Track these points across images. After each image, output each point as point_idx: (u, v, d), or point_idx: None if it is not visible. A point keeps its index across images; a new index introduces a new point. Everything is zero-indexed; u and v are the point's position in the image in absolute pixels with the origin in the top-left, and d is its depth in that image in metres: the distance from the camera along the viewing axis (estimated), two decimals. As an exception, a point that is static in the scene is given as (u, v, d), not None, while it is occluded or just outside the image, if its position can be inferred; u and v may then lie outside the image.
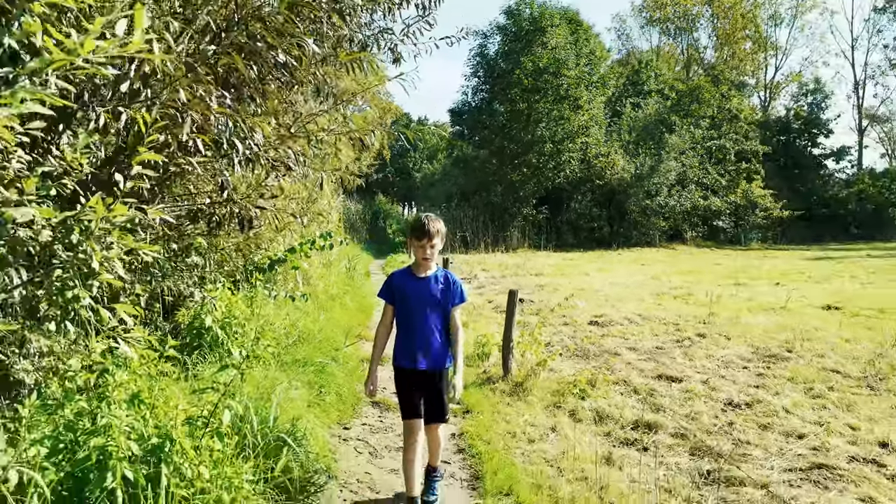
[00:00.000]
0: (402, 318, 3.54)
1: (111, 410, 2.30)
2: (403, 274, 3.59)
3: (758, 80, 56.44)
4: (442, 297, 3.49)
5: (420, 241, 3.39)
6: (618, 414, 5.45)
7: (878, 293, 12.77)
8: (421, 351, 3.46)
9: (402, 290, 3.51)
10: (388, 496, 3.89)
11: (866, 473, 4.24)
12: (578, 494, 3.82)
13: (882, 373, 6.55)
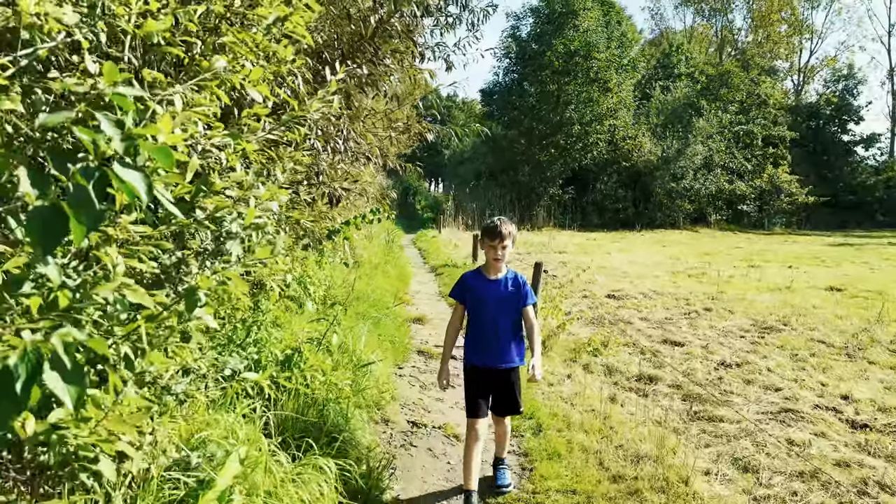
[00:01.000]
0: (474, 318, 3.61)
1: (262, 329, 3.39)
2: (475, 276, 3.67)
3: (792, 64, 56.03)
4: (514, 299, 3.57)
5: (492, 241, 3.48)
6: (624, 368, 6.47)
7: (884, 277, 13.50)
8: (494, 349, 3.55)
9: (474, 291, 3.59)
10: (436, 414, 4.98)
11: (824, 417, 5.21)
12: (586, 420, 4.87)
13: (862, 344, 7.46)
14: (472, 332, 3.63)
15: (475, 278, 3.64)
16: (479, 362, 3.59)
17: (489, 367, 3.58)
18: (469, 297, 3.62)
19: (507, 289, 3.57)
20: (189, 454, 2.11)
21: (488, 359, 3.57)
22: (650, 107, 34.29)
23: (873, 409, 5.39)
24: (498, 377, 3.61)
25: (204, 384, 2.49)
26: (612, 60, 30.70)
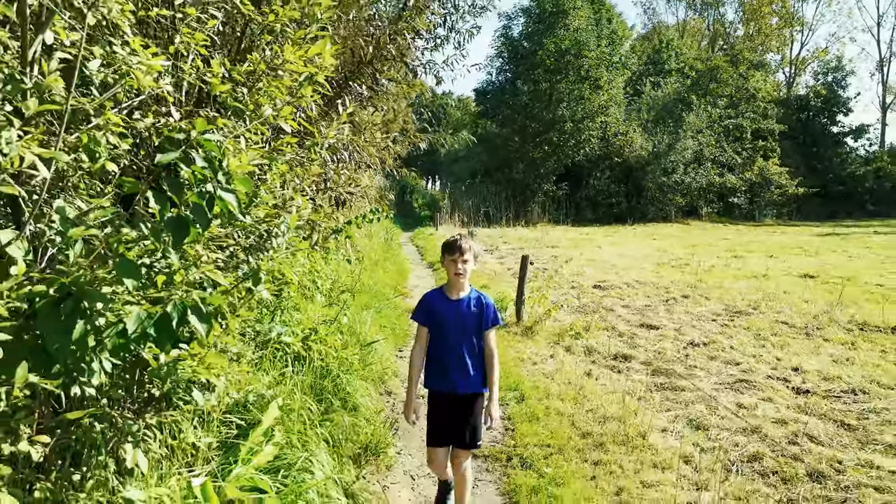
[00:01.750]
0: (436, 340, 3.41)
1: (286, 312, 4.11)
2: (437, 296, 3.46)
3: (783, 56, 56.86)
4: (476, 320, 3.39)
5: (452, 255, 3.30)
6: (602, 349, 7.19)
7: (859, 265, 14.24)
8: (458, 374, 3.36)
9: (437, 312, 3.39)
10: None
11: (773, 385, 5.94)
12: (563, 391, 5.59)
13: (821, 324, 8.19)
14: (435, 356, 3.41)
15: (437, 299, 3.43)
16: (442, 388, 3.40)
17: (453, 394, 3.38)
18: (431, 318, 3.39)
19: (470, 309, 3.38)
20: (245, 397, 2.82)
21: (451, 384, 3.37)
22: (641, 103, 35.00)
23: (818, 379, 6.11)
24: (460, 404, 3.40)
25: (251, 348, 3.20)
26: (602, 58, 31.37)
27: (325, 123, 3.92)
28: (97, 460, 2.13)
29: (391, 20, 4.91)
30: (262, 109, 2.47)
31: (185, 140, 2.12)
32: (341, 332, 4.44)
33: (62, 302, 1.84)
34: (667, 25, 62.71)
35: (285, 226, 2.46)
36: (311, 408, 3.38)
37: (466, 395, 3.39)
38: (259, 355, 3.43)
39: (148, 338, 1.84)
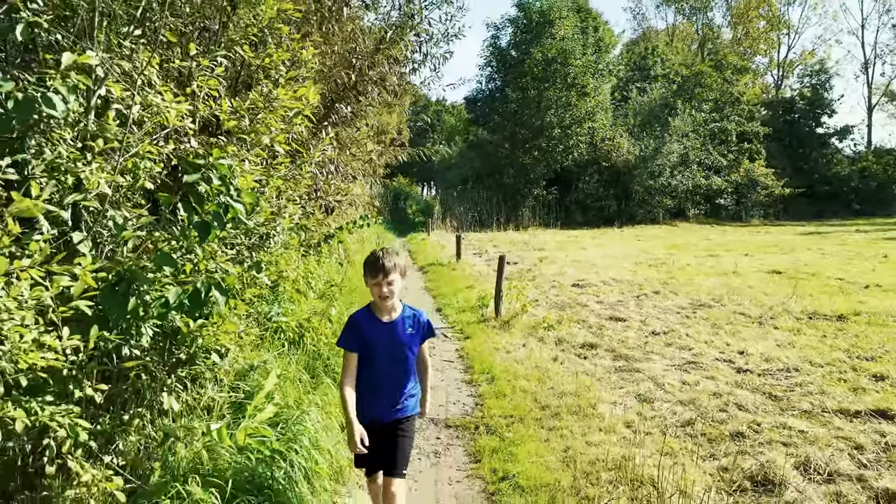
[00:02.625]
0: (369, 369, 3.08)
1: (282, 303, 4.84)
2: (367, 317, 3.11)
3: (771, 59, 58.00)
4: (415, 341, 3.17)
5: (374, 278, 2.96)
6: (572, 339, 7.90)
7: (828, 262, 14.99)
8: (393, 401, 3.14)
9: (368, 340, 3.05)
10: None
11: (718, 366, 6.66)
12: (530, 373, 6.31)
13: (775, 314, 8.93)
14: (366, 384, 3.09)
15: (367, 320, 3.09)
16: (372, 417, 3.08)
17: (382, 422, 3.12)
18: (361, 343, 3.05)
19: (406, 331, 3.11)
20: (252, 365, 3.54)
21: (383, 412, 3.12)
22: (628, 108, 35.86)
23: (759, 360, 6.84)
24: (392, 428, 3.14)
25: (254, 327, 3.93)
26: (587, 66, 32.21)
27: (314, 142, 4.64)
28: (142, 404, 2.85)
29: (370, 52, 5.68)
30: (260, 137, 3.19)
31: (205, 164, 2.85)
32: (331, 321, 5.15)
33: (118, 284, 2.56)
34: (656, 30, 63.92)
35: (280, 228, 3.18)
36: (303, 378, 4.10)
37: (398, 419, 3.16)
38: (260, 335, 4.15)
39: (183, 308, 2.57)
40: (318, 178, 5.54)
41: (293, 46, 4.08)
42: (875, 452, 4.46)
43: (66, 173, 2.46)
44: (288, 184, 3.87)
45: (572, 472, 4.18)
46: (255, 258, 3.17)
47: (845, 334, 7.73)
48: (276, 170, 3.71)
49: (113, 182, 2.60)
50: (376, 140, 10.35)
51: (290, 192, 3.90)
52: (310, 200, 5.97)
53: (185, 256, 2.80)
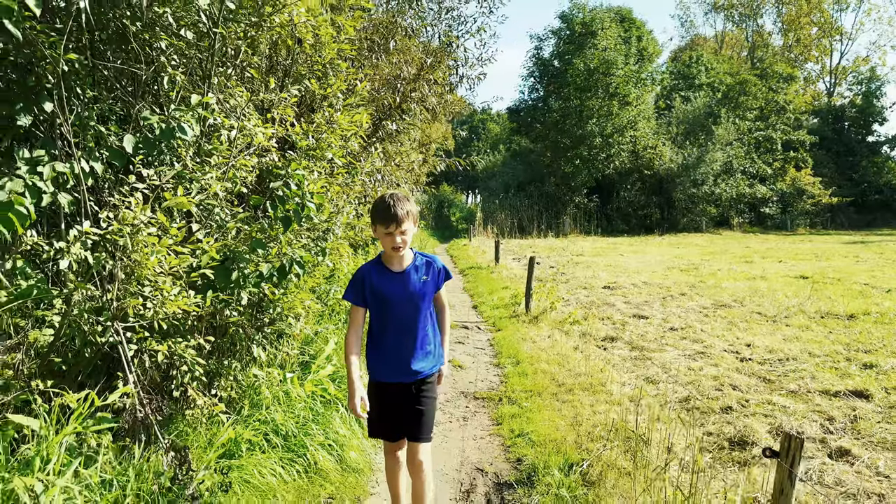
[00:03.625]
0: (380, 323, 2.93)
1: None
2: (376, 268, 2.93)
3: (823, 66, 57.09)
4: (429, 288, 2.96)
5: (387, 227, 2.76)
6: (595, 333, 8.66)
7: (859, 268, 15.26)
8: (412, 359, 2.93)
9: (378, 292, 2.88)
10: (451, 352, 7.29)
11: (724, 356, 7.33)
12: (552, 358, 7.11)
13: (789, 313, 9.49)
14: (378, 341, 2.94)
15: (376, 272, 2.91)
16: (391, 378, 2.94)
17: (403, 382, 2.95)
18: (371, 298, 2.89)
19: (420, 279, 2.92)
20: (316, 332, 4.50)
21: (402, 371, 2.93)
22: (671, 117, 36.09)
23: (763, 351, 7.48)
24: (411, 391, 2.97)
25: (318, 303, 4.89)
26: (629, 76, 32.68)
27: (365, 155, 5.58)
28: (237, 354, 3.82)
29: (412, 77, 6.62)
30: (324, 152, 4.14)
31: (285, 174, 3.81)
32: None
33: (225, 261, 3.53)
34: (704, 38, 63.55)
35: (339, 224, 4.11)
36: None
37: (418, 380, 2.96)
38: (321, 311, 5.09)
39: (272, 279, 3.52)
40: (367, 186, 6.48)
41: (349, 78, 5.05)
42: (843, 423, 5.13)
43: (190, 181, 3.45)
44: (344, 189, 4.82)
45: (577, 432, 4.99)
46: (320, 246, 4.11)
47: (850, 331, 8.28)
48: (335, 178, 4.66)
49: (223, 187, 3.57)
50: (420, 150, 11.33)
51: (346, 196, 4.85)
52: (360, 205, 6.93)
53: (271, 244, 3.76)
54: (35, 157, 2.87)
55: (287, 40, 4.18)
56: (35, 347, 3.14)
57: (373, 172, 6.18)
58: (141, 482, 2.65)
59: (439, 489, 4.13)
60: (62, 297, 3.02)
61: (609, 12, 34.29)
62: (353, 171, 4.88)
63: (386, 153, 6.76)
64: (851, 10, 66.45)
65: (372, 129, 6.47)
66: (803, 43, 56.44)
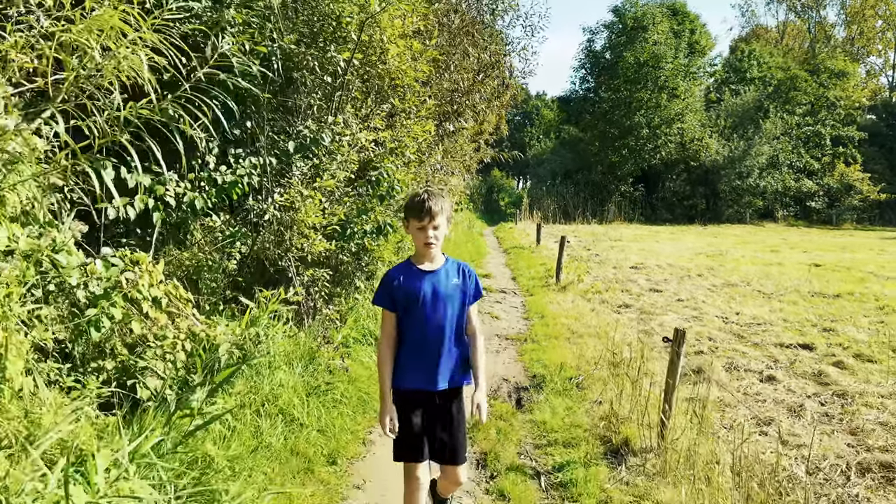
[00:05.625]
0: (409, 326, 2.81)
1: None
2: (405, 270, 2.83)
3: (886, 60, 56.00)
4: (460, 295, 2.83)
5: (420, 221, 2.69)
6: (612, 300, 10.40)
7: (877, 260, 16.40)
8: (439, 366, 2.80)
9: (406, 291, 2.77)
10: (495, 314, 9.18)
11: (713, 320, 8.98)
12: (570, 316, 8.92)
13: (784, 290, 11.01)
14: (408, 345, 2.85)
15: (405, 272, 2.84)
16: (415, 384, 2.84)
17: (432, 391, 2.84)
18: (400, 300, 2.80)
19: (450, 281, 2.83)
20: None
21: (428, 378, 2.82)
22: (720, 109, 36.79)
23: (747, 318, 9.10)
24: (441, 403, 2.88)
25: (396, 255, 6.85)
26: (678, 70, 33.57)
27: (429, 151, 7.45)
28: (345, 283, 5.80)
29: (467, 89, 8.44)
30: (404, 150, 6.05)
31: (380, 165, 5.74)
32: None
33: (344, 222, 5.51)
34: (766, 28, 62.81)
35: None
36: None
37: (447, 390, 2.85)
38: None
39: (371, 235, 5.48)
40: (429, 174, 8.38)
41: (422, 95, 6.95)
42: (784, 364, 6.81)
43: (323, 171, 5.41)
44: (415, 176, 6.73)
45: (578, 361, 6.81)
46: (400, 216, 6.02)
47: (829, 306, 9.80)
48: (409, 168, 6.58)
49: (343, 175, 5.53)
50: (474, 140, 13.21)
51: (417, 181, 6.76)
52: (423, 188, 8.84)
53: (370, 213, 5.71)
54: (237, 153, 4.88)
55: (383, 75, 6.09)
56: (226, 271, 5.17)
57: (435, 164, 8.06)
58: (305, 340, 4.65)
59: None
60: (252, 238, 5.05)
61: (661, 7, 35.12)
62: (421, 162, 6.79)
63: (444, 149, 8.63)
64: (919, 2, 64.51)
65: (435, 129, 8.35)
66: (867, 35, 55.40)
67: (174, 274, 4.30)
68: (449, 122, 8.38)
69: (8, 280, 2.68)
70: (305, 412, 3.86)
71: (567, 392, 5.87)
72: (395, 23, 5.69)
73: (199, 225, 4.78)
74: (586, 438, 4.63)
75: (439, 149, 6.75)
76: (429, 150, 7.49)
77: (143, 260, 3.79)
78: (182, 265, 4.61)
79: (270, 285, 5.01)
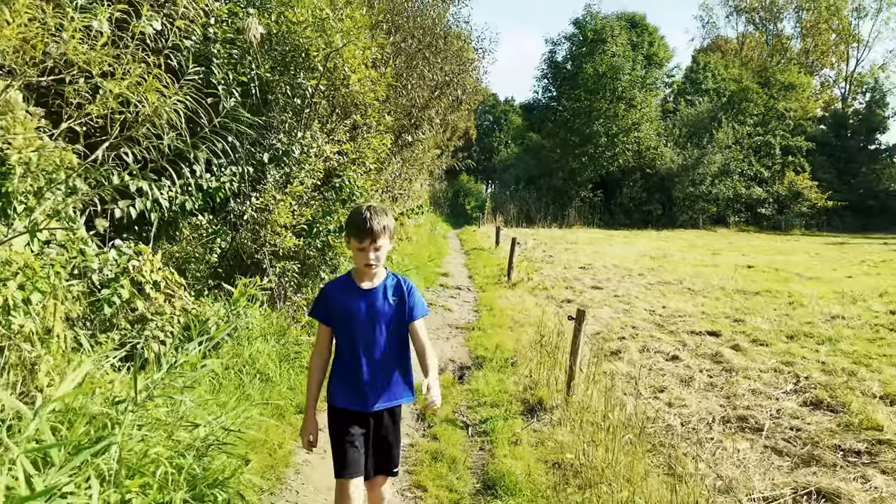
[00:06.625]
0: (344, 344, 2.72)
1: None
2: (342, 286, 2.74)
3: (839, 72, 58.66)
4: (396, 313, 2.72)
5: (361, 242, 2.57)
6: (557, 296, 11.48)
7: (807, 263, 17.85)
8: (373, 386, 2.70)
9: (342, 308, 2.68)
10: (449, 306, 10.19)
11: (641, 312, 10.10)
12: (516, 308, 9.96)
13: (711, 288, 12.23)
14: (343, 364, 2.75)
15: (342, 289, 2.74)
16: (350, 404, 2.73)
17: (363, 412, 2.73)
18: (336, 316, 2.72)
19: (387, 299, 2.71)
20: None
21: (362, 399, 2.71)
22: (676, 119, 38.50)
23: (671, 311, 10.25)
24: (374, 421, 2.78)
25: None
26: (635, 81, 35.14)
27: (388, 161, 8.41)
28: (311, 275, 6.74)
29: (424, 104, 9.41)
30: (364, 160, 7.02)
31: (343, 173, 6.70)
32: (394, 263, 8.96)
33: (310, 222, 6.45)
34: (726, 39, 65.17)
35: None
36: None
37: (381, 410, 2.76)
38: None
39: (335, 232, 6.44)
40: (388, 181, 9.34)
41: (381, 110, 7.92)
42: (690, 347, 7.93)
43: (294, 178, 6.34)
44: (374, 183, 7.70)
45: (515, 345, 7.83)
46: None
47: (746, 301, 11.03)
48: (369, 176, 7.54)
49: (310, 182, 6.46)
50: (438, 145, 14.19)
51: (375, 187, 7.72)
52: (384, 192, 9.81)
53: (333, 214, 6.65)
54: (219, 163, 5.79)
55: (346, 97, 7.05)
56: (208, 262, 6.06)
57: (393, 172, 9.02)
58: (277, 319, 5.58)
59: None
60: (231, 235, 5.96)
61: (620, 20, 36.69)
62: (381, 171, 7.75)
63: (403, 158, 9.60)
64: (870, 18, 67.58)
65: (394, 141, 9.33)
66: (820, 48, 57.99)
67: (166, 264, 5.20)
68: (408, 134, 9.35)
69: (56, 262, 3.58)
70: (278, 374, 4.80)
71: (503, 369, 6.88)
72: (356, 53, 6.65)
73: (187, 223, 5.68)
74: (509, 401, 5.65)
75: (398, 158, 7.70)
76: (388, 159, 8.45)
77: (144, 251, 4.70)
78: (173, 257, 5.52)
79: (247, 274, 5.92)
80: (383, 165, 7.88)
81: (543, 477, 4.07)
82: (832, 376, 6.46)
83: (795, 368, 6.83)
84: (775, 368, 6.89)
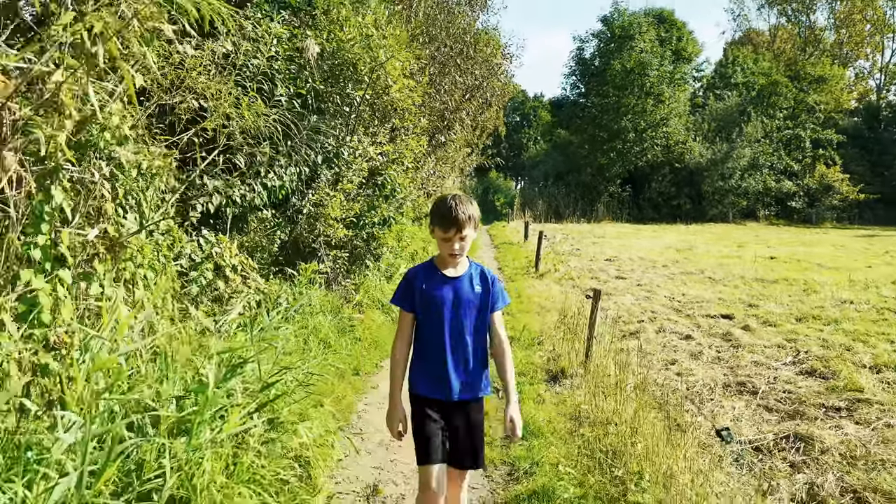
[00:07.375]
0: (427, 331, 2.70)
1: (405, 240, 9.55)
2: (427, 272, 2.71)
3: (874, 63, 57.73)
4: (481, 302, 2.70)
5: (446, 231, 2.54)
6: (581, 286, 12.17)
7: (831, 255, 18.17)
8: (457, 375, 2.68)
9: (427, 291, 2.66)
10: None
11: (660, 299, 10.75)
12: (543, 296, 10.70)
13: (731, 277, 12.79)
14: (425, 352, 2.73)
15: (426, 274, 2.71)
16: (434, 393, 2.71)
17: (448, 401, 2.69)
18: (420, 302, 2.68)
19: (472, 288, 2.69)
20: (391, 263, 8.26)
21: (444, 389, 2.68)
22: (704, 114, 38.65)
23: (690, 298, 10.87)
24: (458, 413, 2.73)
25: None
26: (663, 76, 35.43)
27: (424, 160, 9.21)
28: (358, 262, 7.59)
29: (456, 106, 10.21)
30: (403, 160, 7.84)
31: (385, 172, 7.54)
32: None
33: (358, 215, 7.31)
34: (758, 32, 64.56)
35: (409, 200, 7.77)
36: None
37: (466, 400, 2.71)
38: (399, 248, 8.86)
39: (379, 225, 7.29)
40: (424, 179, 10.16)
41: (417, 115, 8.75)
42: (704, 329, 8.59)
43: (343, 177, 7.20)
44: (412, 181, 8.52)
45: (541, 325, 8.59)
46: (400, 212, 7.80)
47: (764, 289, 11.58)
48: (407, 174, 8.36)
49: (357, 179, 7.31)
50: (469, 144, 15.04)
51: (413, 184, 8.55)
52: (420, 189, 10.63)
53: (377, 209, 7.49)
54: (282, 164, 6.66)
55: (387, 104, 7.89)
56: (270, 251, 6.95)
57: (428, 170, 9.83)
58: (332, 299, 6.45)
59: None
60: (290, 228, 6.84)
61: (648, 16, 36.99)
62: (417, 169, 8.58)
63: (437, 157, 10.42)
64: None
65: (428, 141, 10.14)
66: (855, 39, 57.14)
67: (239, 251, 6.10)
68: (440, 135, 10.14)
69: (163, 245, 4.47)
70: (337, 342, 5.66)
71: (530, 346, 7.65)
72: (396, 65, 7.48)
73: (254, 217, 6.57)
74: (535, 370, 6.42)
75: (432, 157, 8.52)
76: (423, 158, 9.26)
77: (223, 239, 5.60)
78: (242, 246, 6.42)
79: (305, 261, 6.79)
80: (419, 164, 8.71)
81: (562, 424, 4.84)
82: (829, 350, 7.10)
83: (797, 345, 7.47)
84: (779, 345, 7.53)
